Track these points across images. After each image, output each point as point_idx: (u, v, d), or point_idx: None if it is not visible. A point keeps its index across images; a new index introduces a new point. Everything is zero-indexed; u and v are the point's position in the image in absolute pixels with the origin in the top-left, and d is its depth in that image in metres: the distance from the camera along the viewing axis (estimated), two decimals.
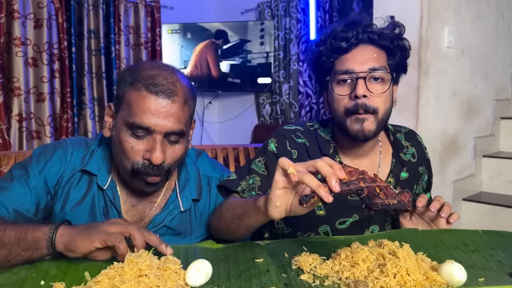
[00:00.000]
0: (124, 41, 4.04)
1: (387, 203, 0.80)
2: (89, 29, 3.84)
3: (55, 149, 1.05)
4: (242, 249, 0.95)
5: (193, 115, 1.06)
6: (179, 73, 1.03)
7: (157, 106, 0.94)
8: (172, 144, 0.99)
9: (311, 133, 1.23)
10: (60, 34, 3.62)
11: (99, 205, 1.04)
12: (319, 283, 0.81)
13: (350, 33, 1.10)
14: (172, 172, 1.03)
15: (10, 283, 0.76)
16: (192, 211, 1.11)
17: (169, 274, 0.74)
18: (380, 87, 1.10)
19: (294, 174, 0.77)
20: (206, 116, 4.53)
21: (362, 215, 1.18)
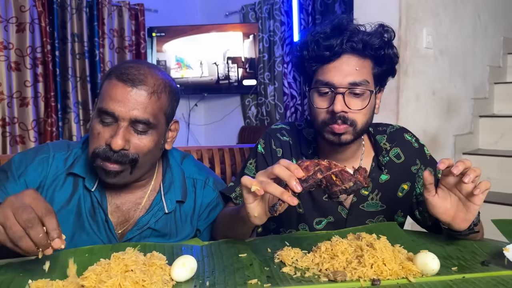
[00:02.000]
0: (108, 44, 4.03)
1: (344, 188, 0.84)
2: (73, 33, 3.83)
3: (36, 154, 1.06)
4: (226, 246, 0.97)
5: (169, 112, 1.05)
6: (157, 69, 1.04)
7: (123, 92, 0.96)
8: (139, 134, 0.99)
9: (296, 132, 1.26)
10: (43, 38, 3.60)
11: (85, 207, 1.05)
12: (300, 275, 0.84)
13: (334, 41, 1.07)
14: (140, 164, 1.01)
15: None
16: (177, 213, 1.13)
17: (154, 270, 0.77)
18: (360, 103, 1.08)
19: (258, 189, 0.82)
20: (192, 119, 4.55)
21: (338, 217, 1.20)
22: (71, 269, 0.75)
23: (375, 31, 1.11)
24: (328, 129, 1.10)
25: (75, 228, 1.04)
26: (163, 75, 1.04)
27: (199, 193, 1.16)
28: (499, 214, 2.36)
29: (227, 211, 1.11)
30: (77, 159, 1.07)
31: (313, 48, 1.09)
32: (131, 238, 1.06)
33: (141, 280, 0.72)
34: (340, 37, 1.07)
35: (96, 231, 1.05)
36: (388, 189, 1.23)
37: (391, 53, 1.12)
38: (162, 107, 1.01)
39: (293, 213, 1.21)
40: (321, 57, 1.09)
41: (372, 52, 1.09)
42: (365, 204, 1.21)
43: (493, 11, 3.01)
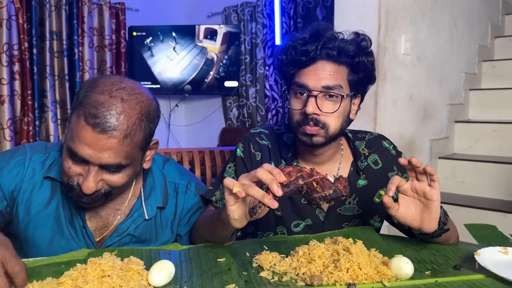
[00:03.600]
0: (88, 43, 3.98)
1: (323, 195, 0.87)
2: (51, 31, 3.76)
3: (12, 156, 1.03)
4: (205, 250, 0.98)
5: (146, 142, 1.00)
6: (133, 98, 0.94)
7: (93, 138, 0.90)
8: (111, 173, 0.95)
9: (275, 136, 1.28)
10: (20, 35, 3.52)
11: (64, 212, 1.03)
12: (277, 279, 0.85)
13: (310, 47, 1.11)
14: (114, 194, 1.00)
15: None
16: (158, 219, 1.12)
17: (132, 275, 0.77)
18: (332, 106, 1.12)
19: (240, 191, 0.83)
20: (173, 119, 4.52)
21: (315, 220, 1.22)
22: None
23: (351, 39, 1.15)
24: (301, 130, 1.14)
25: (53, 233, 1.02)
26: (140, 104, 0.95)
27: (180, 198, 1.15)
28: (473, 218, 2.43)
29: (207, 215, 1.12)
30: (55, 162, 1.05)
31: (291, 53, 1.14)
32: (110, 245, 1.05)
33: (118, 285, 0.72)
34: (316, 43, 1.11)
35: (74, 237, 1.03)
36: (365, 194, 1.25)
37: (366, 61, 1.16)
38: (136, 145, 0.96)
39: (271, 216, 1.22)
40: (298, 62, 1.13)
41: (347, 59, 1.13)
42: (342, 208, 1.23)
43: (468, 19, 3.09)
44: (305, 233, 1.18)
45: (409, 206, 1.00)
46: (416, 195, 1.00)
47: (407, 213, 1.00)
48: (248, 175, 0.87)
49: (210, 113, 4.46)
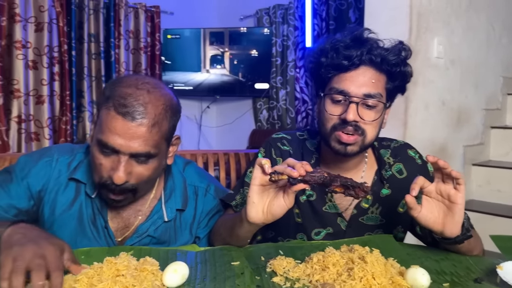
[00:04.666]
0: (124, 45, 4.09)
1: (345, 179, 0.88)
2: (90, 33, 3.90)
3: (40, 157, 1.08)
4: (221, 253, 0.99)
5: (170, 135, 1.04)
6: (157, 91, 1.00)
7: (123, 127, 0.94)
8: (140, 163, 0.98)
9: (298, 142, 1.27)
10: (60, 37, 3.67)
11: (87, 212, 1.07)
12: (289, 285, 0.85)
13: (354, 52, 1.08)
14: (141, 190, 1.03)
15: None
16: (177, 221, 1.14)
17: (145, 275, 0.79)
18: (372, 115, 1.10)
19: (268, 166, 0.90)
20: (204, 121, 4.58)
21: (337, 228, 1.20)
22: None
23: (393, 48, 1.13)
24: (336, 137, 1.11)
25: (76, 232, 1.06)
26: (164, 98, 1.00)
27: (200, 200, 1.17)
28: (510, 228, 2.33)
29: (227, 217, 1.13)
30: (80, 164, 1.09)
31: (332, 55, 1.10)
32: (130, 245, 1.07)
33: (131, 285, 0.74)
34: (361, 49, 1.09)
35: (96, 237, 1.07)
36: (389, 203, 1.23)
37: (406, 71, 1.15)
38: (163, 135, 1.00)
39: (291, 222, 1.22)
40: (339, 66, 1.10)
41: (388, 67, 1.11)
42: (365, 217, 1.21)
43: (505, 21, 2.97)
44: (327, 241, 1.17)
45: (432, 208, 0.99)
46: (440, 197, 0.99)
47: (429, 215, 0.99)
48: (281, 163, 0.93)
49: (240, 115, 4.49)
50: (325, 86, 1.15)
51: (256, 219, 0.93)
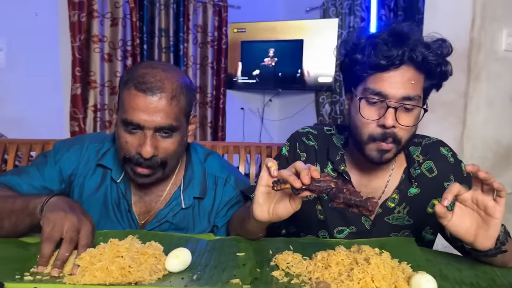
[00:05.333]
0: (192, 39, 4.25)
1: (348, 198, 0.83)
2: (160, 28, 4.10)
3: (73, 144, 1.18)
4: (230, 243, 1.01)
5: (189, 110, 1.10)
6: (171, 69, 1.08)
7: (145, 103, 1.01)
8: (165, 138, 1.05)
9: (324, 137, 1.24)
10: (133, 32, 3.91)
11: (112, 197, 1.15)
12: (287, 280, 0.84)
13: (395, 51, 1.00)
14: (170, 164, 1.09)
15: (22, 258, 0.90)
16: (196, 208, 1.18)
17: (146, 258, 0.83)
18: (410, 119, 1.04)
19: (273, 169, 0.87)
20: (266, 114, 4.62)
21: (361, 228, 1.16)
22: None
23: (435, 45, 1.04)
24: (373, 146, 1.06)
25: (101, 215, 1.14)
26: (178, 75, 1.08)
27: (219, 190, 1.20)
28: None
29: (242, 209, 1.15)
30: (107, 151, 1.16)
31: (370, 53, 1.02)
32: (150, 230, 1.13)
33: (128, 266, 0.78)
34: (402, 48, 1.00)
35: (120, 220, 1.14)
36: (417, 203, 1.16)
37: (447, 71, 1.07)
38: (182, 108, 1.07)
39: (313, 219, 1.20)
40: (377, 65, 1.02)
41: (428, 67, 1.04)
42: (391, 217, 1.16)
43: None
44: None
45: (464, 218, 0.91)
46: (476, 207, 0.90)
47: (461, 224, 0.90)
48: (288, 167, 0.89)
49: (301, 108, 4.46)
50: (358, 84, 1.09)
51: (261, 218, 0.93)
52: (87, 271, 0.77)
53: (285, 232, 1.31)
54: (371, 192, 1.16)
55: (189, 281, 0.82)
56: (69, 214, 0.88)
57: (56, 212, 0.88)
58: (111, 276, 0.77)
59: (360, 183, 1.17)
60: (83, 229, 0.87)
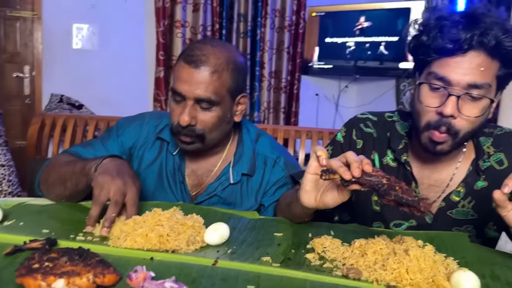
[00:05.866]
0: (269, 24, 4.26)
1: (400, 196, 0.79)
2: (239, 13, 4.16)
3: (134, 120, 1.26)
4: (271, 223, 1.02)
5: (233, 88, 1.12)
6: (221, 47, 1.12)
7: (188, 74, 1.07)
8: (204, 110, 1.10)
9: (385, 124, 1.18)
10: (213, 17, 4.02)
11: (167, 168, 1.22)
12: (319, 263, 0.84)
13: (464, 34, 0.92)
14: (209, 138, 1.13)
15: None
16: (244, 185, 1.21)
17: (185, 229, 0.87)
18: (474, 110, 0.96)
19: (323, 158, 0.86)
20: (342, 100, 4.51)
21: (421, 222, 1.10)
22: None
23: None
24: (428, 134, 1.00)
25: (156, 186, 1.22)
26: (227, 52, 1.11)
27: (268, 170, 1.21)
28: None
29: (290, 192, 1.15)
30: (166, 126, 1.23)
31: (435, 35, 0.96)
32: (200, 202, 1.20)
33: (166, 234, 0.83)
34: (472, 31, 0.92)
35: (174, 191, 1.21)
36: (484, 197, 1.07)
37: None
38: (224, 84, 1.10)
39: (368, 209, 1.16)
40: (442, 49, 0.95)
41: (503, 52, 0.95)
42: (454, 211, 1.09)
43: None
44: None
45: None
46: None
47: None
48: (340, 156, 0.87)
49: (379, 95, 4.28)
50: (423, 69, 1.03)
51: (308, 204, 0.92)
52: (129, 236, 0.83)
53: (337, 219, 1.29)
54: (433, 184, 1.11)
55: (223, 254, 0.84)
56: (116, 178, 0.95)
57: (104, 176, 0.95)
58: (150, 243, 0.82)
59: (423, 175, 1.11)
60: (129, 192, 0.95)
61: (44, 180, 1.12)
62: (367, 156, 1.13)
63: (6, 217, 0.95)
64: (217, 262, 0.79)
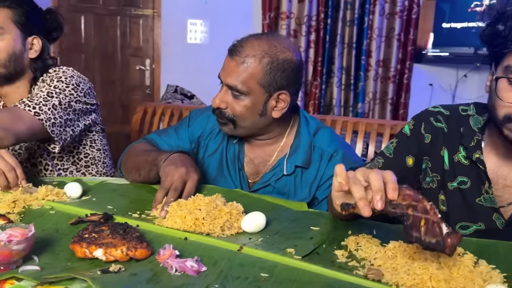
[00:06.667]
0: (378, 11, 4.08)
1: (422, 239, 0.73)
2: (346, 1, 4.06)
3: (203, 112, 1.35)
4: (311, 216, 1.03)
5: (266, 82, 1.14)
6: (269, 42, 1.14)
7: (226, 61, 1.17)
8: (234, 97, 1.16)
9: (458, 118, 1.09)
10: (319, 7, 4.00)
11: (228, 156, 1.29)
12: (345, 260, 0.82)
13: None
14: (241, 124, 1.19)
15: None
16: (298, 177, 1.22)
17: (222, 215, 0.92)
18: None
19: (342, 183, 0.80)
20: (459, 91, 4.12)
21: (490, 226, 1.01)
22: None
23: None
24: (510, 126, 0.93)
25: (217, 172, 1.29)
26: (268, 46, 1.13)
27: (323, 164, 1.21)
28: None
29: None
30: None
31: (510, 25, 0.90)
32: (256, 190, 1.24)
33: (202, 218, 0.90)
34: None
35: (233, 177, 1.28)
36: None
37: None
38: (253, 76, 1.13)
39: None
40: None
41: None
42: None
43: None
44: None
45: None
46: None
47: None
48: (366, 171, 0.81)
49: None
50: (499, 60, 0.95)
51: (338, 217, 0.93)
52: (171, 217, 0.92)
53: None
54: (509, 185, 1.02)
55: (252, 241, 0.88)
56: (179, 167, 1.06)
57: (170, 166, 1.07)
58: (186, 224, 0.90)
59: (499, 174, 1.03)
60: (190, 180, 1.05)
61: (123, 165, 1.28)
62: (436, 152, 1.08)
63: (86, 192, 1.12)
64: (242, 249, 0.84)
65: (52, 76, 1.37)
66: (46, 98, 1.30)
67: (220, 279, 0.74)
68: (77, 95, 1.37)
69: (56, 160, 1.43)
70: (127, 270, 0.75)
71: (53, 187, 1.08)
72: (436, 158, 1.09)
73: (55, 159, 1.43)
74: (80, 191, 1.10)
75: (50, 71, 1.38)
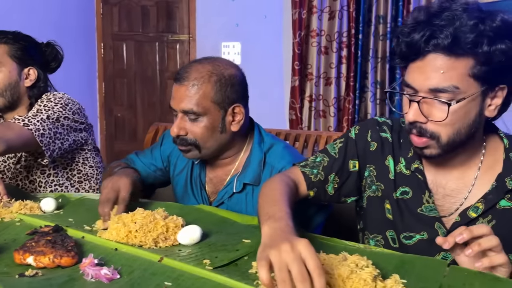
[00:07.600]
0: None
1: None
2: (378, 15, 4.01)
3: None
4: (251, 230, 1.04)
5: (219, 99, 1.18)
6: (211, 64, 1.20)
7: (174, 90, 1.21)
8: (192, 121, 1.19)
9: (399, 130, 1.10)
10: (350, 23, 3.97)
11: (193, 176, 1.34)
12: (255, 271, 0.83)
13: (416, 36, 0.88)
14: (205, 146, 1.21)
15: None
16: (249, 194, 1.24)
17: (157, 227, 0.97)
18: (442, 114, 0.89)
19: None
20: None
21: (433, 235, 0.97)
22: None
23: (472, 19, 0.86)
24: (411, 139, 0.98)
25: (184, 190, 1.35)
26: (211, 66, 1.19)
27: None
28: None
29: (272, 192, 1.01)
30: None
31: (397, 42, 0.94)
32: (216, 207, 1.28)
33: (135, 231, 0.96)
34: (422, 32, 0.88)
35: (196, 196, 1.33)
36: (507, 219, 0.95)
37: (500, 47, 0.86)
38: (206, 96, 1.17)
39: (380, 217, 1.09)
40: (404, 55, 0.94)
41: (468, 49, 0.86)
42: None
43: None
44: (418, 249, 1.01)
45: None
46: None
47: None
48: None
49: None
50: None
51: None
52: (109, 229, 1.00)
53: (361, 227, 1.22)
54: (449, 194, 1.01)
55: (178, 253, 0.93)
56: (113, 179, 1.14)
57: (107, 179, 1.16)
58: (119, 236, 0.97)
59: (437, 183, 1.03)
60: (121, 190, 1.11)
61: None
62: (381, 161, 1.10)
63: (62, 207, 1.23)
64: (163, 259, 0.89)
65: (43, 99, 1.52)
66: (35, 114, 1.44)
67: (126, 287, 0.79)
68: (66, 113, 1.50)
69: (52, 177, 1.57)
70: (45, 275, 0.83)
71: (27, 202, 1.20)
72: (381, 167, 1.08)
73: (50, 176, 1.57)
74: (53, 205, 1.20)
75: (43, 96, 1.54)
